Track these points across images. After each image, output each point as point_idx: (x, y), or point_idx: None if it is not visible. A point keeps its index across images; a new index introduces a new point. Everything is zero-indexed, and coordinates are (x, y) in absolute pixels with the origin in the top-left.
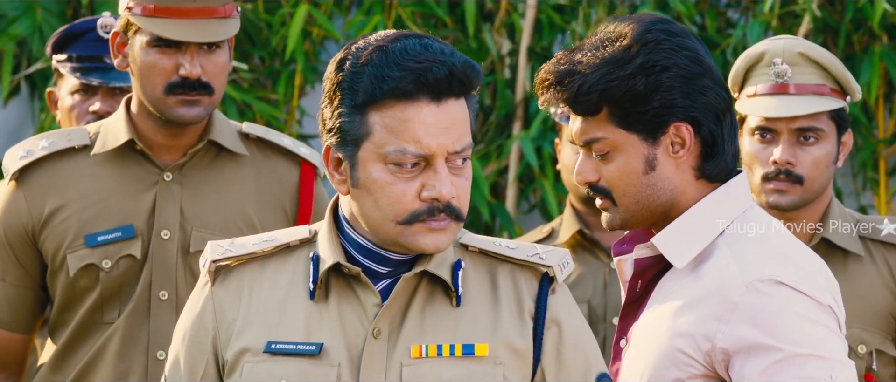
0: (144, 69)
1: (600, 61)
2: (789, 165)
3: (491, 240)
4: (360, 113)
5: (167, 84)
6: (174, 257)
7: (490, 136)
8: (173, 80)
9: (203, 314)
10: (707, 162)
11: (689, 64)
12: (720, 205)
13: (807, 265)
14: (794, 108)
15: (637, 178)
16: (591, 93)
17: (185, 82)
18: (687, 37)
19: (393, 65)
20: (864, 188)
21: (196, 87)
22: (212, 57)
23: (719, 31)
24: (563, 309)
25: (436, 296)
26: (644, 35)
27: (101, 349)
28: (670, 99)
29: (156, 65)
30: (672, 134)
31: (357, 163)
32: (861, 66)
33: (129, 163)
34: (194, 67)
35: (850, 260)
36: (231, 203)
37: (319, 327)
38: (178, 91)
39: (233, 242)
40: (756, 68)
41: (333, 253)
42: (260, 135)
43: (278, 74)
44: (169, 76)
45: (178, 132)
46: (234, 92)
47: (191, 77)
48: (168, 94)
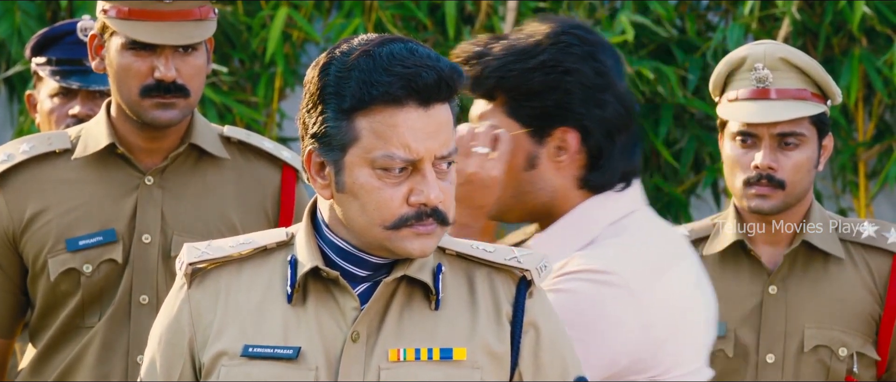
0: (120, 72)
1: (508, 51)
2: (771, 170)
3: (468, 243)
4: (347, 118)
5: (142, 87)
6: (155, 261)
7: None
8: (148, 83)
9: (179, 316)
10: (591, 172)
11: (594, 74)
12: (589, 214)
13: (639, 265)
14: (775, 114)
15: (517, 172)
16: (489, 78)
17: (160, 85)
18: (602, 49)
19: (381, 70)
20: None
21: (171, 90)
22: (188, 59)
23: (699, 34)
24: (541, 312)
25: (414, 300)
26: (558, 35)
27: (80, 353)
28: (565, 102)
29: (130, 68)
30: (558, 137)
31: (343, 168)
32: (841, 69)
33: (110, 167)
34: (169, 70)
35: (831, 263)
36: (212, 207)
37: (297, 331)
38: (153, 94)
39: (209, 244)
40: (737, 73)
41: (311, 256)
42: (241, 138)
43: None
44: (144, 79)
45: (158, 135)
46: (214, 94)
47: (165, 80)
48: (143, 97)
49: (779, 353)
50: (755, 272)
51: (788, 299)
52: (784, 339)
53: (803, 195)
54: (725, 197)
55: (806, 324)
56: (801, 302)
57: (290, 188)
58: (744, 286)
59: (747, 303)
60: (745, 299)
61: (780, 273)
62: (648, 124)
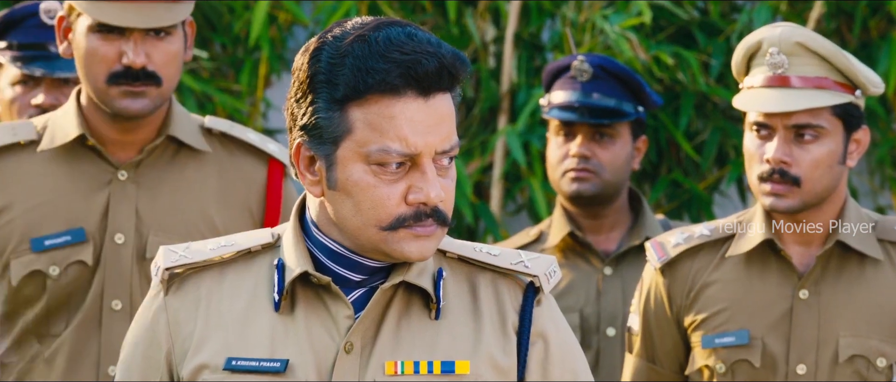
0: (86, 57)
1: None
2: (783, 165)
3: (471, 246)
4: (340, 108)
5: (109, 73)
6: (129, 263)
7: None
8: (116, 70)
9: (155, 327)
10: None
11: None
12: None
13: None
14: (788, 103)
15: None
16: None
17: (129, 72)
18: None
19: (377, 57)
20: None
21: (140, 77)
22: (160, 44)
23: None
24: (550, 321)
25: (412, 308)
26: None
27: (46, 364)
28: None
29: (97, 53)
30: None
31: (335, 163)
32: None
33: (79, 161)
34: (138, 56)
35: (868, 265)
36: (192, 204)
37: (285, 341)
38: (121, 81)
39: (188, 247)
40: (755, 57)
41: (300, 260)
42: (224, 129)
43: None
44: (111, 65)
45: (132, 127)
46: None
47: (134, 66)
48: (110, 84)
49: (811, 363)
50: (785, 274)
51: (821, 304)
52: (816, 348)
53: (826, 193)
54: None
55: (841, 332)
56: (836, 307)
57: (277, 184)
58: (772, 290)
59: (776, 309)
60: (773, 304)
61: (813, 275)
62: (667, 114)
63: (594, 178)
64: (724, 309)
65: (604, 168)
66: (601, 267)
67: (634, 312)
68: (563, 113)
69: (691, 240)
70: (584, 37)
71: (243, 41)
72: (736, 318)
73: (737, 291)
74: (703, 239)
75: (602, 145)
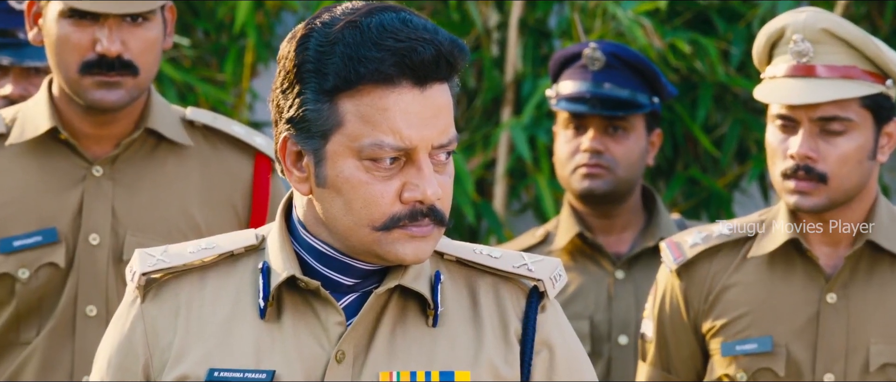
0: (58, 44)
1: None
2: (809, 160)
3: (470, 247)
4: (330, 99)
5: (82, 62)
6: (104, 266)
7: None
8: (89, 58)
9: (132, 336)
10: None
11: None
12: None
13: None
14: (813, 94)
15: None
16: None
17: (103, 61)
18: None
19: (370, 44)
20: None
21: (115, 67)
22: (137, 31)
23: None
24: (556, 329)
25: (408, 314)
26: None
27: (16, 374)
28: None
29: (69, 40)
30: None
31: (324, 159)
32: None
33: (51, 156)
34: (113, 43)
35: None
36: (172, 202)
37: (271, 351)
38: (95, 71)
39: (166, 250)
40: (778, 46)
41: (287, 263)
42: (207, 122)
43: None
44: (84, 53)
45: (107, 119)
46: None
47: (108, 54)
48: (83, 74)
49: (839, 372)
50: (811, 277)
51: (851, 309)
52: (845, 356)
53: (855, 190)
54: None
55: (871, 339)
56: (866, 312)
57: (264, 181)
58: (797, 293)
59: (802, 314)
60: (798, 309)
61: (841, 278)
62: (684, 106)
63: (607, 175)
64: (745, 314)
65: (617, 163)
66: (612, 270)
67: (648, 318)
68: (574, 104)
69: (710, 240)
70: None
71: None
72: (758, 324)
73: (759, 294)
74: (722, 238)
75: (615, 139)
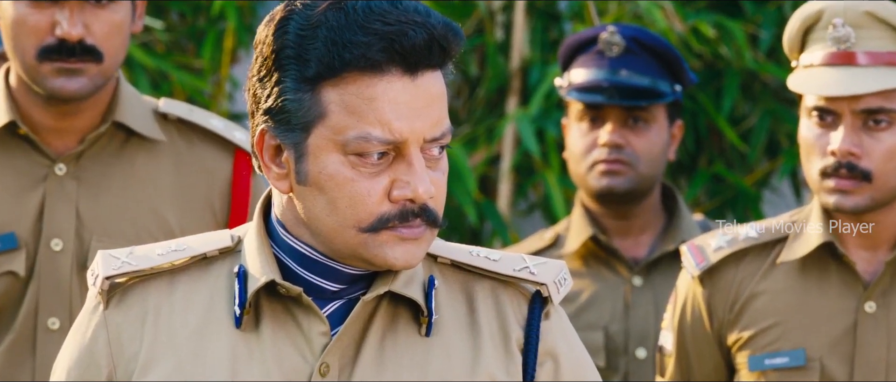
0: (13, 28)
1: None
2: (852, 157)
3: (466, 249)
4: (311, 88)
5: (40, 47)
6: (68, 275)
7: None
8: (48, 43)
9: (93, 346)
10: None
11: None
12: None
13: None
14: (856, 85)
15: None
16: None
17: (63, 45)
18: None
19: (356, 28)
20: None
21: (77, 52)
22: (101, 13)
23: None
24: (561, 337)
25: (399, 322)
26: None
27: None
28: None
29: (26, 23)
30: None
31: (306, 154)
32: None
33: (9, 153)
34: (74, 27)
35: None
36: (143, 204)
37: (249, 363)
38: (54, 57)
39: (131, 252)
40: (813, 31)
41: (265, 266)
42: (182, 115)
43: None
44: (42, 37)
45: (70, 111)
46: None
47: (69, 39)
48: (41, 61)
49: None
50: (847, 284)
51: (891, 319)
52: (886, 370)
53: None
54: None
55: None
56: None
57: (245, 179)
58: (833, 302)
59: (837, 324)
60: (834, 319)
61: (881, 285)
62: (708, 96)
63: (628, 171)
64: (775, 325)
65: (639, 158)
66: (629, 276)
67: (667, 329)
68: (590, 95)
69: (735, 244)
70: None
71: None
72: (789, 335)
73: (790, 303)
74: (749, 242)
75: (636, 132)
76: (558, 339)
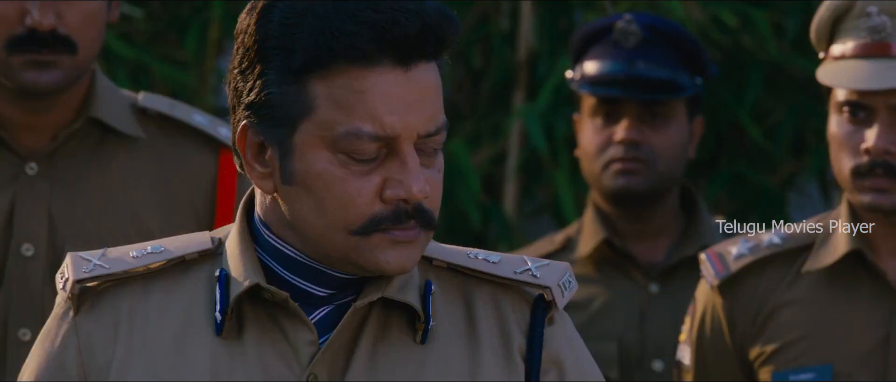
0: None
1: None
2: (889, 155)
3: (464, 252)
4: (297, 81)
5: (9, 38)
6: (39, 282)
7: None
8: (17, 33)
9: (63, 355)
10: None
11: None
12: None
13: None
14: (893, 78)
15: None
16: None
17: (34, 36)
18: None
19: (344, 16)
20: None
21: (49, 43)
22: (74, 2)
23: None
24: (566, 344)
25: (392, 330)
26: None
27: None
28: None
29: None
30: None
31: (291, 151)
32: None
33: None
34: (45, 16)
35: None
36: (121, 206)
37: (230, 373)
38: (25, 48)
39: (104, 254)
40: (845, 20)
41: (249, 270)
42: (163, 110)
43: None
44: (11, 27)
45: (42, 106)
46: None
47: (40, 28)
48: (11, 53)
49: None
50: (879, 294)
51: None
52: None
53: None
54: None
55: None
56: None
57: (231, 179)
58: (863, 314)
59: (868, 337)
60: (864, 331)
61: None
62: (730, 89)
63: (647, 170)
64: (801, 338)
65: (657, 156)
66: (645, 283)
67: (685, 342)
68: (605, 88)
69: (758, 251)
70: None
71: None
72: (816, 350)
73: (817, 315)
74: (773, 249)
75: (654, 128)
76: (563, 346)
